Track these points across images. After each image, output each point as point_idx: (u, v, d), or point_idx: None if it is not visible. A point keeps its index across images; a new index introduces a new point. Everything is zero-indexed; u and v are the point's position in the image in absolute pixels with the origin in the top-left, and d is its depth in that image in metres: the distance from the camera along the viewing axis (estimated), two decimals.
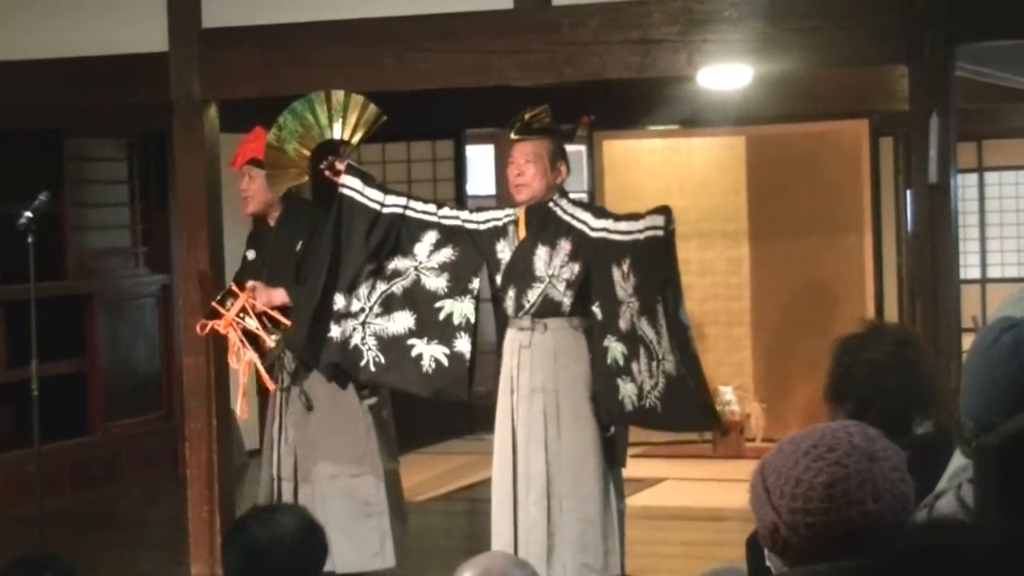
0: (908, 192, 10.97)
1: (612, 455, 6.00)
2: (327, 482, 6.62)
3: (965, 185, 16.75)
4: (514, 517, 5.93)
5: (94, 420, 9.83)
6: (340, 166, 6.27)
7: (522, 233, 6.04)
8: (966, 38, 6.42)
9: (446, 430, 10.99)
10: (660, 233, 5.69)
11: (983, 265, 17.85)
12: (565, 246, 5.94)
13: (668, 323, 5.67)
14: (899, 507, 2.34)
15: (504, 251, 6.08)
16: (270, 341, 6.50)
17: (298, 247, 6.72)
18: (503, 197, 12.49)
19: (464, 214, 6.23)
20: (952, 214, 6.37)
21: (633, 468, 6.17)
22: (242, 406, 6.64)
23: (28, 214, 6.61)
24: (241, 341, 6.50)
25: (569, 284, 5.91)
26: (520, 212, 6.08)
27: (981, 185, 17.85)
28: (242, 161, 6.78)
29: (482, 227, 6.14)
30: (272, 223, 6.84)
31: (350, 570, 6.60)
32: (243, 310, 6.49)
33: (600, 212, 6.05)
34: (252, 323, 6.48)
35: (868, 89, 9.75)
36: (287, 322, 6.51)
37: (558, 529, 5.90)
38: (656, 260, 5.73)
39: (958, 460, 3.03)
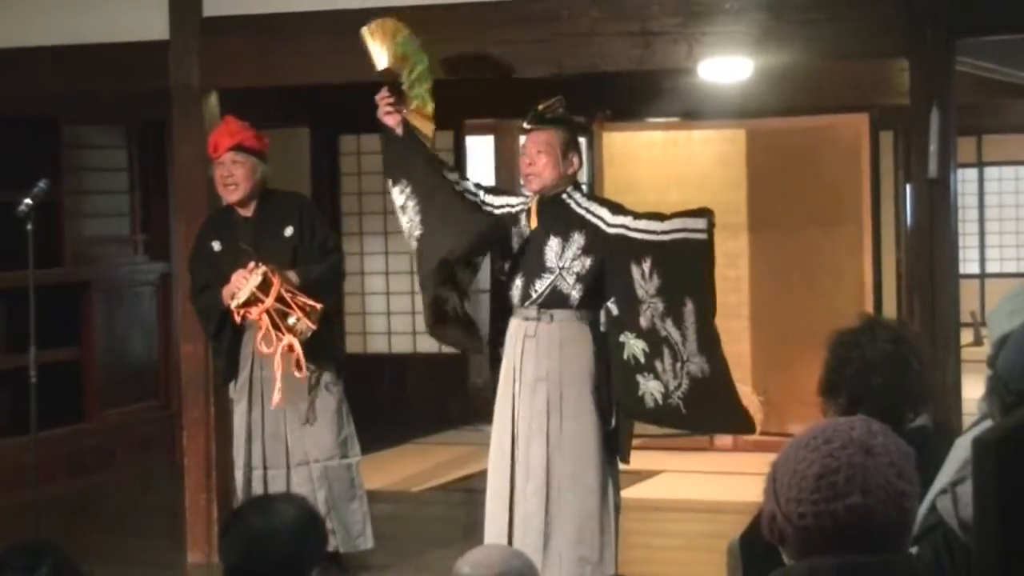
0: (908, 186, 10.96)
1: (613, 448, 5.99)
2: (320, 465, 6.71)
3: (964, 180, 16.78)
4: (510, 508, 5.92)
5: (91, 408, 9.83)
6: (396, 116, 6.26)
7: (534, 223, 6.02)
8: (966, 32, 6.42)
9: (442, 421, 11.00)
10: (700, 236, 5.62)
11: (982, 260, 17.87)
12: (578, 239, 5.90)
13: (699, 329, 5.64)
14: (892, 504, 2.34)
15: (513, 238, 6.05)
16: (300, 325, 6.50)
17: (287, 232, 6.74)
18: (502, 188, 12.48)
19: (482, 193, 6.21)
20: (951, 209, 6.38)
21: (631, 460, 6.15)
22: (280, 394, 6.58)
23: (27, 201, 6.61)
24: (276, 327, 6.49)
25: (579, 278, 5.88)
26: (533, 202, 6.05)
27: (981, 180, 17.87)
28: (224, 148, 6.75)
29: (496, 211, 6.12)
30: (248, 212, 6.81)
31: (342, 550, 6.74)
32: (278, 296, 6.48)
33: (617, 208, 5.97)
34: (285, 307, 6.48)
35: (868, 83, 9.75)
36: (316, 304, 6.53)
37: (555, 521, 5.90)
38: (687, 263, 5.66)
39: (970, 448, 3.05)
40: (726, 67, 8.36)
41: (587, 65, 6.93)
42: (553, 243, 5.94)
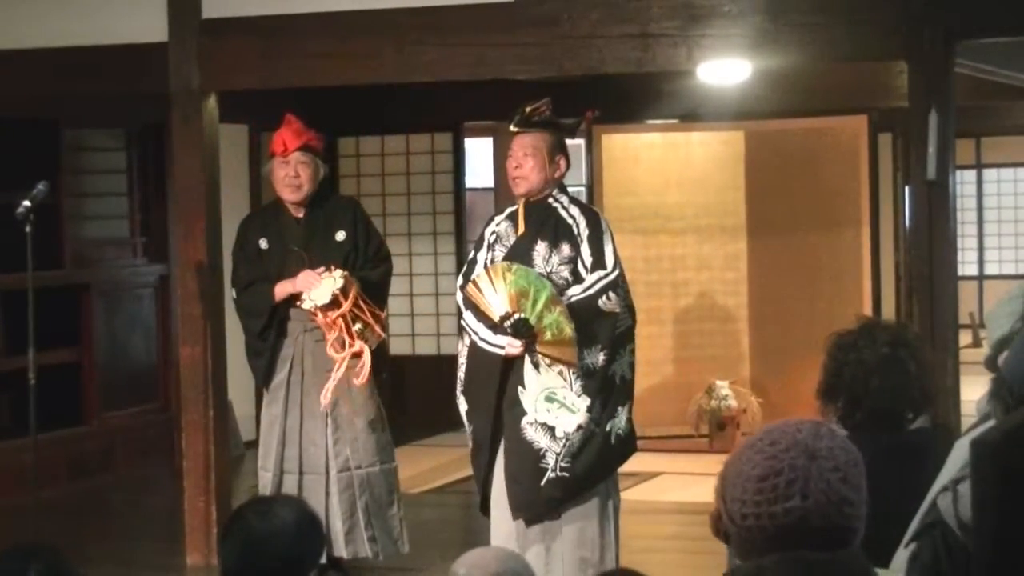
0: (907, 188, 10.98)
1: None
2: (363, 472, 6.68)
3: (963, 182, 16.80)
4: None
5: (90, 410, 9.83)
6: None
7: (521, 227, 6.00)
8: (965, 34, 6.43)
9: (441, 423, 10.99)
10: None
11: (980, 262, 17.89)
12: (565, 249, 5.87)
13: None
14: (832, 508, 2.33)
15: (500, 252, 6.01)
16: (368, 332, 6.50)
17: (339, 236, 6.69)
18: (501, 190, 12.50)
19: (478, 268, 6.10)
20: (950, 210, 6.38)
21: (629, 463, 6.14)
22: (334, 397, 6.56)
23: (26, 203, 6.61)
24: (348, 331, 6.48)
25: (568, 284, 5.86)
26: (519, 205, 6.04)
27: (979, 182, 17.89)
28: (293, 148, 6.69)
29: (495, 253, 6.07)
30: (299, 213, 6.77)
31: (382, 556, 6.74)
32: (355, 301, 6.48)
33: (596, 243, 5.88)
34: (360, 312, 6.49)
35: (867, 85, 9.76)
36: (382, 314, 6.59)
37: (556, 523, 5.89)
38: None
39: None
40: (725, 69, 8.37)
41: (587, 67, 6.94)
42: (540, 247, 5.91)
